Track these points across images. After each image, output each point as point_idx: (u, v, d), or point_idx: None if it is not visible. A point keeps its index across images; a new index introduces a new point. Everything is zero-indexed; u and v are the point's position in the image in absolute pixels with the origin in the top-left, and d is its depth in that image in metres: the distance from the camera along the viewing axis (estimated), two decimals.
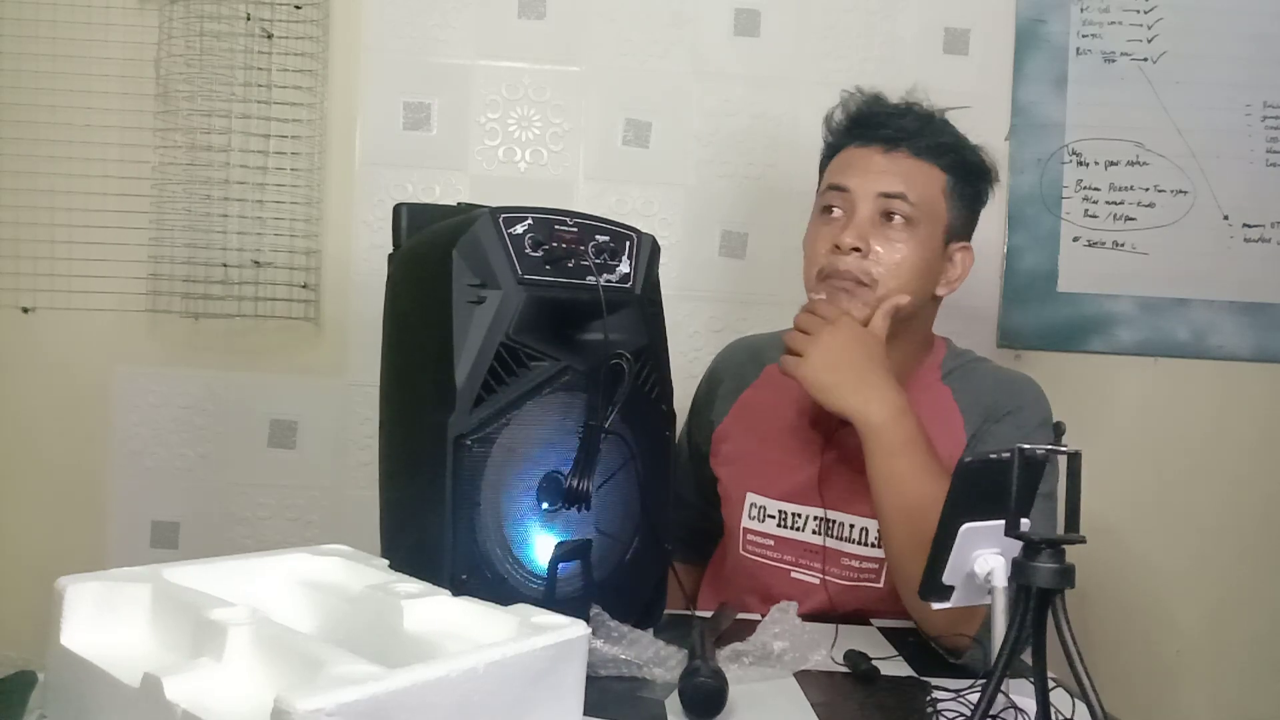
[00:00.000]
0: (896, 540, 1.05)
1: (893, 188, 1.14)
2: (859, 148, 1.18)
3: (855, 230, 1.14)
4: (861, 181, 1.15)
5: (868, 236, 1.13)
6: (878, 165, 1.15)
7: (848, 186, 1.16)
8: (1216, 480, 1.73)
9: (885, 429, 1.05)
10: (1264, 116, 1.71)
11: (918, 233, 1.14)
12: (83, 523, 1.66)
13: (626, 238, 0.97)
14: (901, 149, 1.15)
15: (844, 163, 1.19)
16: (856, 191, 1.15)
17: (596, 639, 0.85)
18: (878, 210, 1.14)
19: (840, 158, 1.20)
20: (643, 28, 1.68)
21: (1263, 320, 1.72)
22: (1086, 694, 0.61)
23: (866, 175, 1.15)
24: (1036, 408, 1.17)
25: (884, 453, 1.05)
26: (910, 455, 1.04)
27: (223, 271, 1.62)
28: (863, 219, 1.14)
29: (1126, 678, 1.71)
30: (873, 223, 1.14)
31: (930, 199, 1.15)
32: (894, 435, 1.04)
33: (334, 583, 0.76)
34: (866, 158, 1.16)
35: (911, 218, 1.14)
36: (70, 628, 0.64)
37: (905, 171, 1.15)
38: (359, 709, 0.50)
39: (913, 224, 1.14)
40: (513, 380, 0.88)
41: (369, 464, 1.64)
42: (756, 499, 1.23)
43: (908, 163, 1.15)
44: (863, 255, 1.13)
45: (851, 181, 1.16)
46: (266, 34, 1.62)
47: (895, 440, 1.04)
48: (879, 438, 1.05)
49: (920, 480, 1.02)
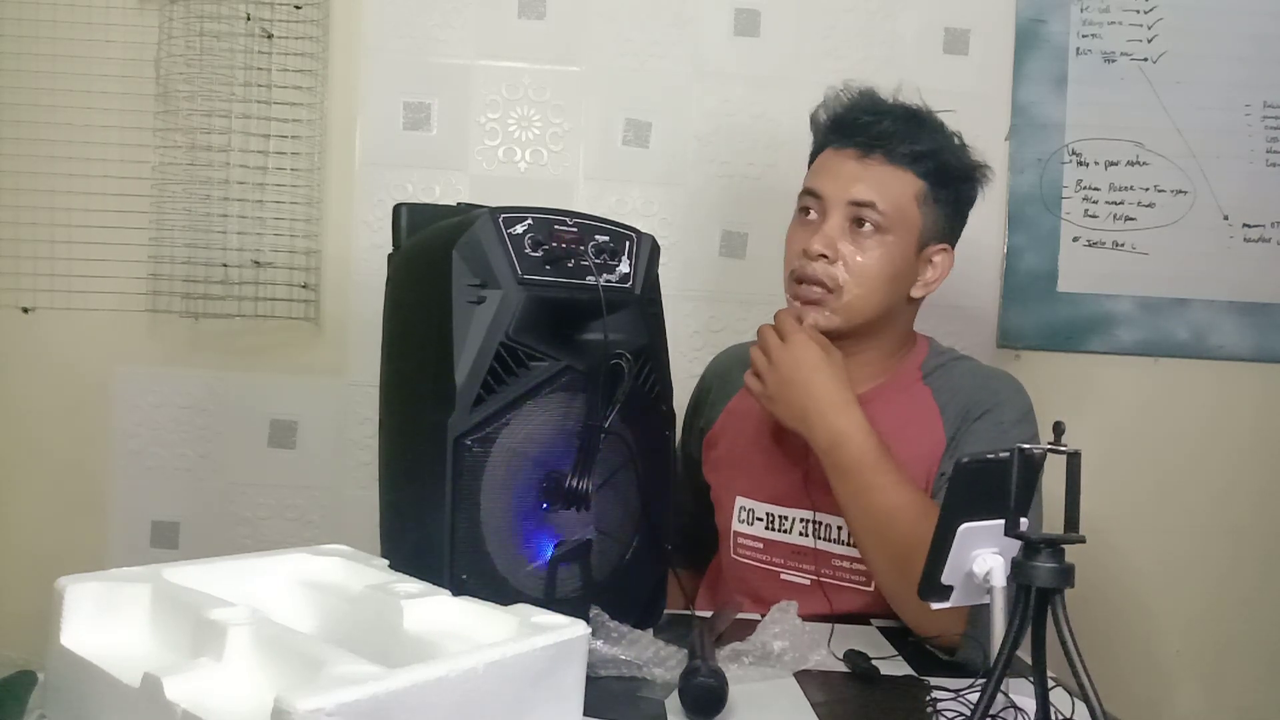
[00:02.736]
0: (867, 553, 1.07)
1: (862, 196, 1.15)
2: (835, 150, 1.19)
3: (823, 237, 1.15)
4: (834, 188, 1.16)
5: (836, 243, 1.15)
6: (850, 172, 1.16)
7: (821, 192, 1.17)
8: (1216, 480, 1.73)
9: (831, 453, 1.07)
10: (1264, 116, 1.71)
11: (886, 239, 1.15)
12: (83, 523, 1.66)
13: (626, 238, 0.97)
14: (876, 154, 1.15)
15: (821, 165, 1.20)
16: (828, 198, 1.16)
17: (596, 639, 0.85)
18: (848, 217, 1.15)
19: (819, 159, 1.21)
20: (643, 28, 1.68)
21: (1263, 320, 1.72)
22: (1086, 694, 0.61)
23: (838, 181, 1.16)
24: (1014, 403, 1.17)
25: (835, 475, 1.07)
26: (860, 475, 1.05)
27: (223, 271, 1.62)
28: (833, 225, 1.15)
29: (1126, 678, 1.71)
30: (842, 229, 1.15)
31: (902, 206, 1.16)
32: (840, 458, 1.06)
33: (334, 583, 0.76)
34: (840, 163, 1.17)
35: (881, 225, 1.15)
36: (70, 628, 0.64)
37: (878, 179, 1.15)
38: (359, 709, 0.50)
39: (883, 230, 1.15)
40: (513, 380, 0.88)
41: (369, 464, 1.64)
42: (745, 502, 1.24)
43: (881, 169, 1.15)
44: (830, 261, 1.15)
45: (825, 187, 1.17)
46: (266, 34, 1.62)
47: (843, 462, 1.06)
48: (826, 460, 1.08)
49: (873, 496, 1.04)
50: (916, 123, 1.18)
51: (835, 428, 1.06)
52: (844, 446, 1.06)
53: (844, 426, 1.06)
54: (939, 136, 1.19)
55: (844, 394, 1.08)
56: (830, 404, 1.07)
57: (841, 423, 1.06)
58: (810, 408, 1.08)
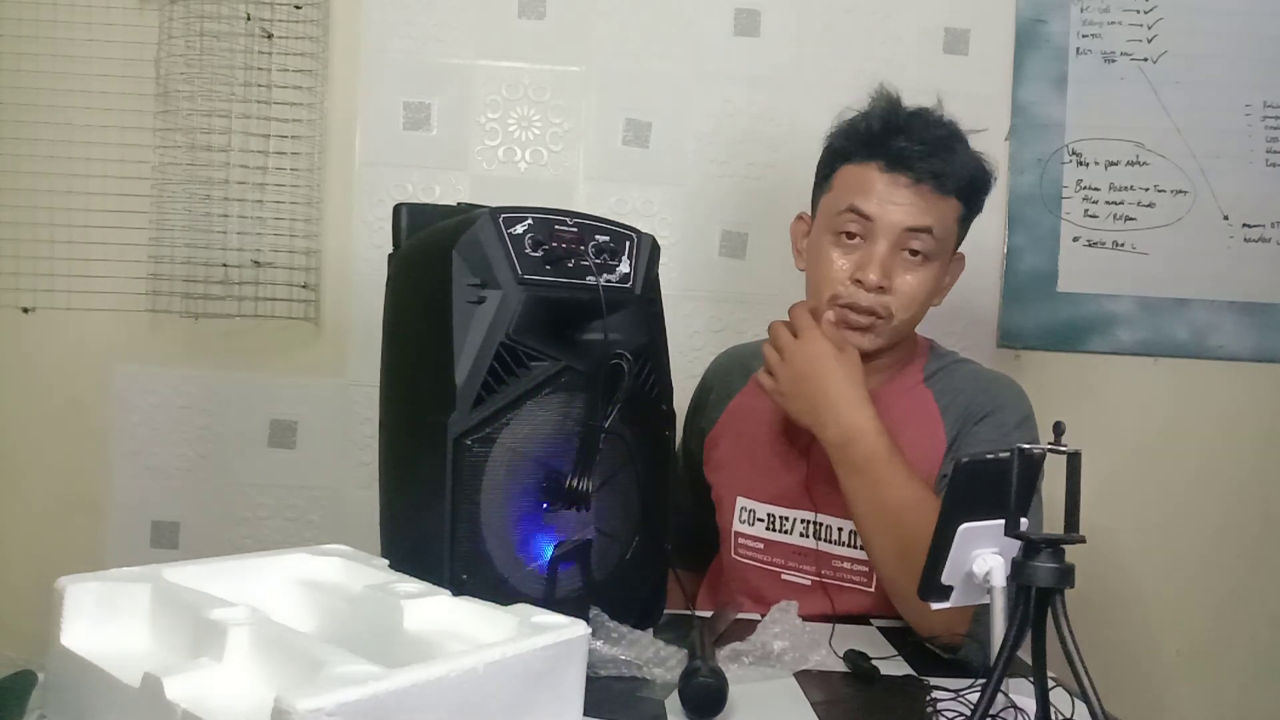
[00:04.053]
0: (875, 549, 1.07)
1: (919, 222, 1.12)
2: (884, 173, 1.13)
3: (880, 266, 1.12)
4: (886, 212, 1.12)
5: (891, 273, 1.13)
6: (903, 198, 1.12)
7: (871, 215, 1.12)
8: (1216, 480, 1.73)
9: (842, 449, 1.07)
10: (1264, 116, 1.71)
11: (933, 265, 1.15)
12: (83, 523, 1.66)
13: (626, 238, 0.97)
14: (926, 184, 1.12)
15: (865, 185, 1.13)
16: (880, 221, 1.12)
17: (596, 639, 0.85)
18: (900, 244, 1.13)
19: (860, 175, 1.14)
20: (643, 28, 1.68)
21: (1263, 320, 1.72)
22: (1086, 694, 0.61)
23: (892, 207, 1.12)
24: (1015, 407, 1.18)
25: (846, 471, 1.07)
26: (873, 471, 1.04)
27: (223, 271, 1.62)
28: (884, 251, 1.12)
29: (1126, 678, 1.71)
30: (893, 256, 1.13)
31: (948, 230, 1.16)
32: (852, 453, 1.06)
33: (334, 583, 0.76)
34: (892, 188, 1.12)
35: (932, 253, 1.14)
36: (70, 628, 0.64)
37: (931, 208, 1.13)
38: (359, 709, 0.50)
39: (931, 258, 1.15)
40: (513, 380, 0.88)
41: (369, 464, 1.65)
42: (746, 503, 1.24)
43: (932, 198, 1.13)
44: (885, 291, 1.13)
45: (877, 211, 1.12)
46: (266, 34, 1.62)
47: (854, 458, 1.06)
48: (837, 456, 1.07)
49: (884, 492, 1.04)
50: (958, 150, 1.15)
51: (848, 423, 1.06)
52: (857, 442, 1.05)
53: (857, 422, 1.06)
54: (971, 158, 1.16)
55: (858, 390, 1.08)
56: (844, 400, 1.07)
57: (855, 418, 1.06)
58: (823, 403, 1.08)
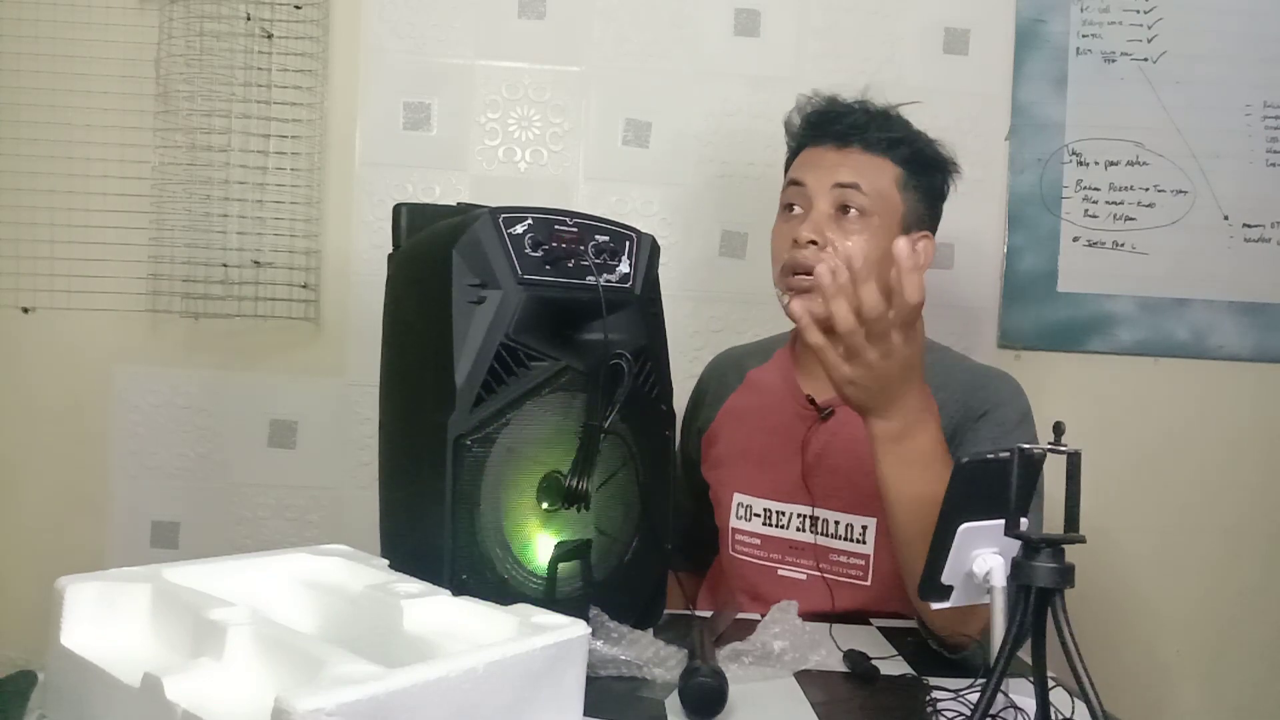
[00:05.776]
0: (903, 543, 1.02)
1: (846, 178, 1.17)
2: (814, 147, 1.23)
3: (811, 224, 1.17)
4: (816, 176, 1.19)
5: (824, 230, 1.17)
6: (831, 160, 1.19)
7: (804, 181, 1.20)
8: (1216, 480, 1.73)
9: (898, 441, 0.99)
10: (1264, 116, 1.71)
11: (872, 223, 1.17)
12: (83, 523, 1.66)
13: (626, 238, 0.97)
14: (853, 144, 1.19)
15: (800, 160, 1.24)
16: (812, 186, 1.19)
17: (596, 639, 0.85)
18: (834, 203, 1.18)
19: (799, 158, 1.25)
20: (643, 28, 1.68)
21: (1263, 320, 1.72)
22: (1086, 693, 0.61)
23: (820, 169, 1.19)
24: (1014, 404, 1.17)
25: (892, 461, 1.00)
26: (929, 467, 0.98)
27: (223, 271, 1.62)
28: (820, 213, 1.18)
29: (1126, 678, 1.71)
30: (829, 217, 1.18)
31: (883, 190, 1.18)
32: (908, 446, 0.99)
33: (334, 583, 0.76)
34: (820, 154, 1.21)
35: (866, 209, 1.17)
36: (70, 628, 0.64)
37: (858, 164, 1.18)
38: (359, 709, 0.50)
39: (867, 215, 1.17)
40: (513, 380, 0.88)
41: (369, 464, 1.65)
42: (743, 498, 1.24)
43: (860, 157, 1.19)
44: (820, 248, 1.16)
45: (808, 176, 1.20)
46: (266, 34, 1.62)
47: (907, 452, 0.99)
48: (889, 446, 1.00)
49: (925, 490, 0.98)
50: (886, 115, 1.22)
51: (914, 418, 0.99)
52: (916, 436, 0.99)
53: (923, 416, 1.00)
54: (908, 128, 1.22)
55: (926, 386, 1.02)
56: (914, 395, 0.99)
57: (922, 414, 1.00)
58: (898, 399, 0.99)
